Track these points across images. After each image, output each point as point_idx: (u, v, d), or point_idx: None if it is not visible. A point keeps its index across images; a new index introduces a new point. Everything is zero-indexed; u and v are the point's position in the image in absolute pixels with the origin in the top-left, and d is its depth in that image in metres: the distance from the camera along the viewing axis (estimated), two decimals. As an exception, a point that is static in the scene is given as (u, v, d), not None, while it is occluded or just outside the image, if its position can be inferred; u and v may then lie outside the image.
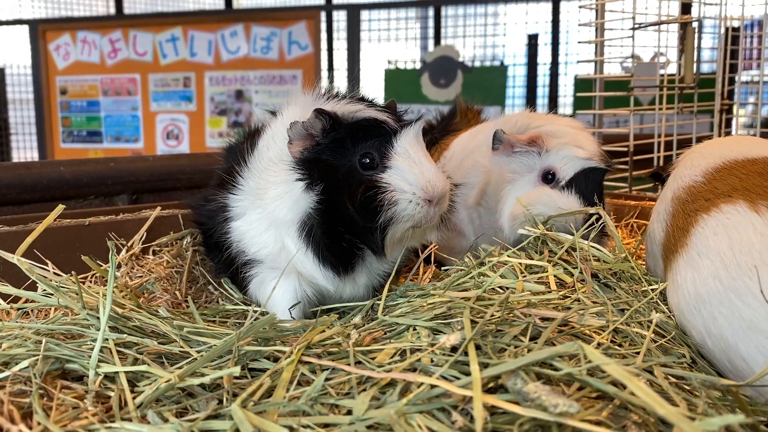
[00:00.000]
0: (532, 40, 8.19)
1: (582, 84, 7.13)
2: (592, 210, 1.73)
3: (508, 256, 1.61)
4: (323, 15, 8.64)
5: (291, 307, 1.64)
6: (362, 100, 1.63)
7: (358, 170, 1.49)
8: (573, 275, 1.52)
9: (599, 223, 1.72)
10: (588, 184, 1.83)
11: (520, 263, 1.58)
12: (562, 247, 1.63)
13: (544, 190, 1.83)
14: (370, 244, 1.53)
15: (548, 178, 1.85)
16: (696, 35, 2.75)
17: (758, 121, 2.95)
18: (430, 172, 1.50)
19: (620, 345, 1.28)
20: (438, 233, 1.64)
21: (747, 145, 1.67)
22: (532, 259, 1.60)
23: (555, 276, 1.52)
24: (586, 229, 1.70)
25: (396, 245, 1.59)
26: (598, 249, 1.65)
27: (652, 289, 1.55)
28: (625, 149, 2.87)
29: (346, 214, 1.50)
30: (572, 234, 1.68)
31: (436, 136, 2.50)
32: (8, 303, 1.53)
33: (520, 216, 1.81)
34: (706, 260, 1.36)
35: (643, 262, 1.81)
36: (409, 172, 1.48)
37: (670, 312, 1.49)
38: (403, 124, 1.55)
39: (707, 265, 1.35)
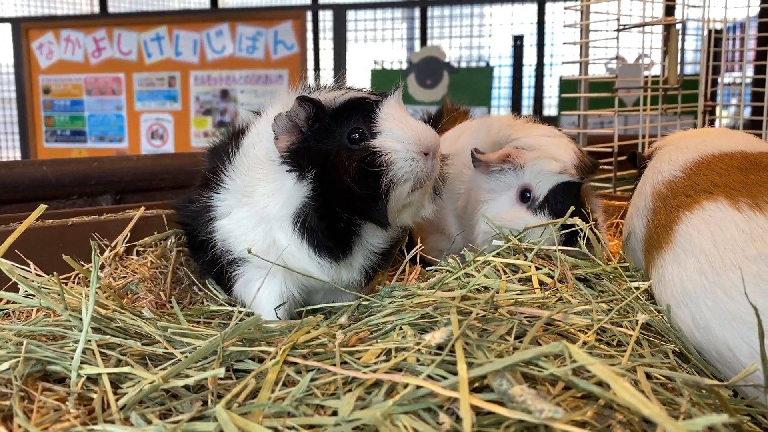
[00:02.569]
0: (518, 41, 8.23)
1: (567, 85, 7.17)
2: (561, 221, 1.70)
3: (493, 256, 1.61)
4: (309, 15, 8.63)
5: (276, 308, 1.63)
6: (344, 87, 1.63)
7: (348, 147, 1.49)
8: (553, 276, 1.53)
9: (581, 233, 1.70)
10: (563, 200, 1.79)
11: (503, 263, 1.58)
12: (532, 251, 1.63)
13: (517, 213, 1.81)
14: (373, 215, 1.52)
15: (525, 196, 1.84)
16: (679, 37, 2.77)
17: (740, 123, 2.98)
18: (418, 127, 1.51)
19: (608, 344, 1.28)
20: (433, 206, 1.64)
21: (721, 138, 1.71)
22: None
23: (537, 277, 1.53)
24: (564, 236, 1.70)
25: (399, 213, 1.57)
26: (569, 253, 1.65)
27: (635, 288, 1.56)
28: (610, 150, 2.89)
29: (342, 194, 1.49)
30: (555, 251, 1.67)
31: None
32: (-11, 304, 1.51)
33: (491, 231, 1.80)
34: (691, 257, 1.41)
35: (626, 263, 1.82)
36: (398, 131, 1.49)
37: (656, 308, 1.51)
38: (383, 94, 1.57)
39: (692, 262, 1.40)
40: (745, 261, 1.31)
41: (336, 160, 1.48)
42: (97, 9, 9.48)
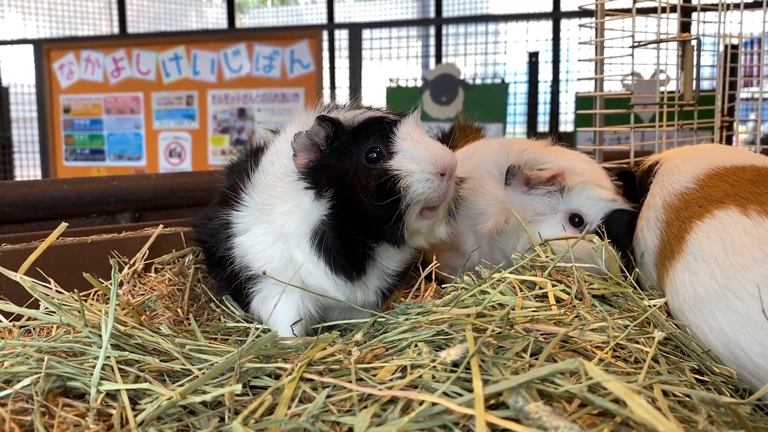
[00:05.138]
0: (533, 58, 8.25)
1: (583, 101, 7.17)
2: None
3: (509, 273, 1.61)
4: (325, 34, 8.71)
5: (293, 324, 1.64)
6: (363, 107, 1.65)
7: (365, 166, 1.50)
8: (570, 293, 1.53)
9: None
10: (621, 228, 1.79)
11: (518, 279, 1.58)
12: (550, 266, 1.62)
13: (581, 243, 1.80)
14: (387, 234, 1.53)
15: (575, 221, 1.83)
16: (695, 53, 2.77)
17: (758, 138, 2.96)
18: (436, 147, 1.52)
19: (625, 361, 1.28)
20: (447, 227, 1.64)
21: (725, 151, 1.76)
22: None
23: (553, 293, 1.52)
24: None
25: (414, 234, 1.58)
26: (589, 272, 1.65)
27: (653, 304, 1.55)
28: (627, 166, 2.88)
29: (359, 214, 1.50)
30: (604, 272, 1.67)
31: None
32: (10, 321, 1.53)
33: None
34: (702, 263, 1.46)
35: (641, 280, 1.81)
36: (415, 152, 1.49)
37: (672, 320, 1.53)
38: (402, 114, 1.58)
39: (703, 268, 1.46)
40: (753, 263, 1.36)
41: (353, 179, 1.50)
42: (116, 30, 9.65)
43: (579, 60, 4.16)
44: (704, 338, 1.42)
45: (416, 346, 1.28)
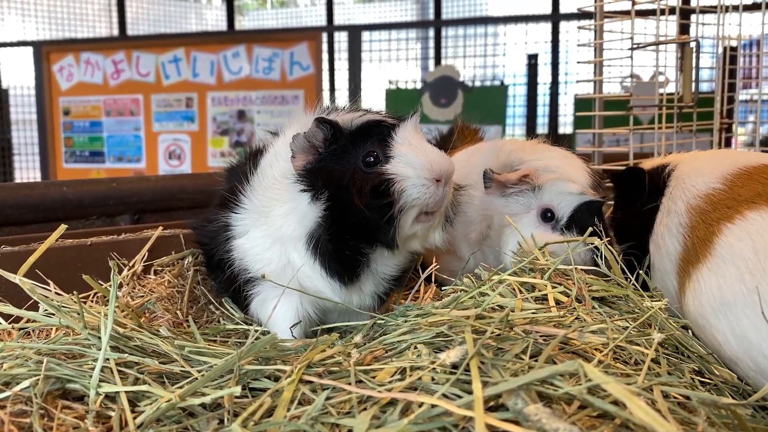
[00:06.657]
0: (532, 60, 8.25)
1: (582, 103, 7.16)
2: (581, 239, 1.70)
3: (508, 275, 1.61)
4: (324, 36, 8.72)
5: (292, 327, 1.64)
6: (362, 109, 1.65)
7: (362, 170, 1.50)
8: (570, 295, 1.52)
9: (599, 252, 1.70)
10: (588, 219, 1.81)
11: (518, 281, 1.58)
12: (550, 269, 1.62)
13: (549, 235, 1.80)
14: (382, 239, 1.52)
15: (547, 216, 1.84)
16: (694, 55, 2.77)
17: (757, 140, 2.96)
18: (433, 153, 1.51)
19: (625, 362, 1.28)
20: (443, 234, 1.64)
21: (743, 153, 1.70)
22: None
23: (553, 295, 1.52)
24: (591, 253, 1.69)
25: (409, 239, 1.58)
26: (590, 275, 1.64)
27: (654, 304, 1.55)
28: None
29: (354, 217, 1.50)
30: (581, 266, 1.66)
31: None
32: (9, 323, 1.53)
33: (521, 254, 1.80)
34: (731, 266, 1.41)
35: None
36: (411, 157, 1.49)
37: (683, 321, 1.52)
38: (400, 118, 1.58)
39: (732, 271, 1.40)
40: None
41: (349, 182, 1.50)
42: (116, 32, 9.67)
43: (578, 62, 4.16)
44: (725, 343, 1.38)
45: (416, 348, 1.27)
